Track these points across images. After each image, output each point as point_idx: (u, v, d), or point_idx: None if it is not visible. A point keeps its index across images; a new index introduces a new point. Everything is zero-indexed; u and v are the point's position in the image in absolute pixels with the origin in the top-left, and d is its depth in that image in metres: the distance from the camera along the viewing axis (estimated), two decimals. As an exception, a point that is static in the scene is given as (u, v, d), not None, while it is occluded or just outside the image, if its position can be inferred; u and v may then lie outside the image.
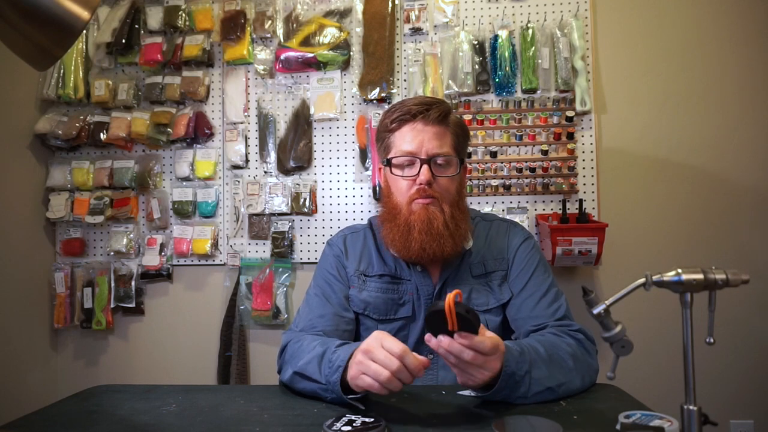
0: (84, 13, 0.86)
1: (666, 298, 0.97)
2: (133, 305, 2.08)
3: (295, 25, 2.06)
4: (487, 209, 1.95)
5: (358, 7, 2.03)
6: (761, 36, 1.92)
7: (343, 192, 2.05)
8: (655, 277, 0.75)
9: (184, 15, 2.09)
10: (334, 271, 1.28)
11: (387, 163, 1.23)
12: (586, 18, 1.96)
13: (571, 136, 1.91)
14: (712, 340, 0.77)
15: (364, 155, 2.03)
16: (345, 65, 2.04)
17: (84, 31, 1.93)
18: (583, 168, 1.94)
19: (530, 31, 1.94)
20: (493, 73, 1.96)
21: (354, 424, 0.83)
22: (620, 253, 1.92)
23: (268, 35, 2.07)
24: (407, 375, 0.88)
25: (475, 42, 1.96)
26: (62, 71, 2.09)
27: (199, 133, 2.07)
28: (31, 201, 2.09)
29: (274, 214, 2.05)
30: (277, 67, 2.05)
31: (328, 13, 2.06)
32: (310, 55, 2.01)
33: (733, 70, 1.93)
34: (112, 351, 2.14)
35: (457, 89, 1.93)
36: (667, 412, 0.85)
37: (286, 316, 2.02)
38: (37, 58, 0.90)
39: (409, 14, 2.01)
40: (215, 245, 2.08)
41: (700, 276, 0.74)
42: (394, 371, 0.87)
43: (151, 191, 2.09)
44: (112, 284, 2.08)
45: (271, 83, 2.08)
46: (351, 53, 2.03)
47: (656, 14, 1.96)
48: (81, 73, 2.10)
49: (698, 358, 0.76)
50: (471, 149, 1.93)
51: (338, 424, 0.83)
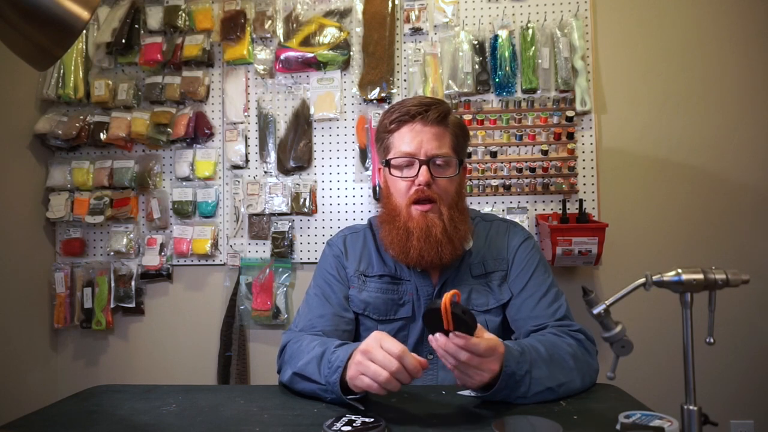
0: (84, 13, 0.86)
1: (666, 298, 0.97)
2: (133, 305, 2.08)
3: (295, 25, 2.06)
4: (487, 209, 1.95)
5: (358, 7, 2.03)
6: (761, 36, 1.92)
7: (343, 192, 2.05)
8: (655, 277, 0.75)
9: (184, 15, 2.09)
10: (333, 271, 1.28)
11: (386, 163, 1.23)
12: (586, 18, 1.96)
13: (571, 136, 1.91)
14: (712, 340, 0.77)
15: (364, 155, 2.03)
16: (345, 65, 2.04)
17: (84, 31, 1.93)
18: (583, 168, 1.94)
19: (530, 31, 1.93)
20: (493, 73, 1.96)
21: (354, 424, 0.83)
22: (620, 253, 1.92)
23: (268, 35, 2.07)
24: (406, 376, 0.89)
25: (475, 42, 1.96)
26: (62, 71, 2.09)
27: (199, 133, 2.07)
28: (31, 201, 2.09)
29: (274, 214, 2.05)
30: (277, 67, 2.05)
31: (328, 13, 2.05)
32: (310, 55, 2.01)
33: (733, 70, 1.93)
34: (112, 351, 2.14)
35: (457, 89, 1.93)
36: (667, 412, 0.85)
37: (286, 316, 2.02)
38: (37, 58, 0.90)
39: (409, 14, 2.01)
40: (215, 245, 2.08)
41: (700, 276, 0.74)
42: (393, 372, 0.87)
43: (151, 191, 2.09)
44: (112, 284, 2.08)
45: (271, 83, 2.08)
46: (351, 53, 2.03)
47: (656, 14, 1.96)
48: (81, 73, 2.10)
49: (698, 358, 0.76)
50: (471, 149, 1.93)
51: (338, 424, 0.83)
